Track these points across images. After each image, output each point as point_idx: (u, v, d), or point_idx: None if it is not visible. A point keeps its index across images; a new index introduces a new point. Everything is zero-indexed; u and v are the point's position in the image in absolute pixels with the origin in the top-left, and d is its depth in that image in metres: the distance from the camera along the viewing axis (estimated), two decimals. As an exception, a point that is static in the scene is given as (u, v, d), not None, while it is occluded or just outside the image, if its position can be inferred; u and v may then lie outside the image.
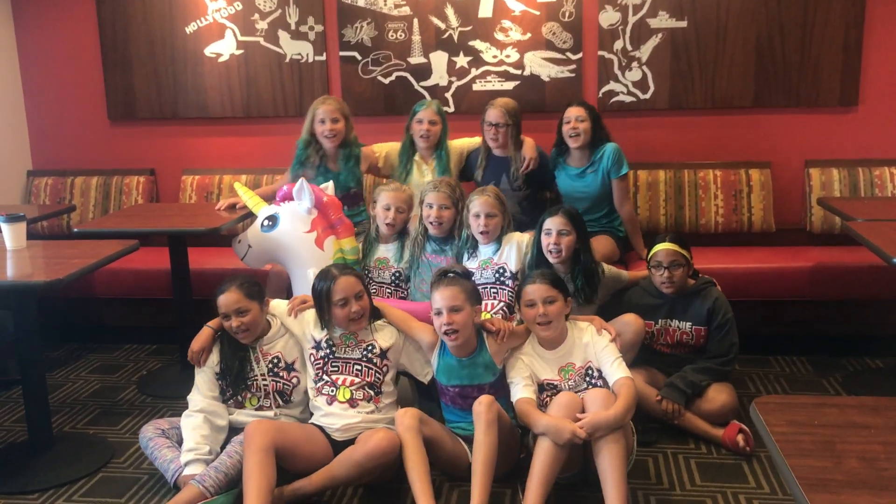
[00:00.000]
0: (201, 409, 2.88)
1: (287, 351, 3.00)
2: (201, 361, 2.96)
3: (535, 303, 2.81)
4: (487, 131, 3.84)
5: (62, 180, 4.72)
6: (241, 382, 2.94)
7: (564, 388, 2.81)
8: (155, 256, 4.09)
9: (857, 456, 1.43)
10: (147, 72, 4.64)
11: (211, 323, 3.02)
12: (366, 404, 2.87)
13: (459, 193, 3.41)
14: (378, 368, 2.91)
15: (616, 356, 2.79)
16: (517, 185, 3.85)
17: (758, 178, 4.23)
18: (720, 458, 2.98)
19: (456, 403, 2.89)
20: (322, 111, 3.77)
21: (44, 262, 3.04)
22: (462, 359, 2.86)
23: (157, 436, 2.89)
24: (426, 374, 3.00)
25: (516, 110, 3.87)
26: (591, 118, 3.78)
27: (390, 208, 3.44)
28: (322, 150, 3.83)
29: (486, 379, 2.86)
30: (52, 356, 4.20)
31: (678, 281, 3.22)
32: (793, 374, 3.73)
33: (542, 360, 2.87)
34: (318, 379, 2.93)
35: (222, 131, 4.68)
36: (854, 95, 4.21)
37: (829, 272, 3.81)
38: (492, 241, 3.32)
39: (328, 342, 2.94)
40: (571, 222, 3.15)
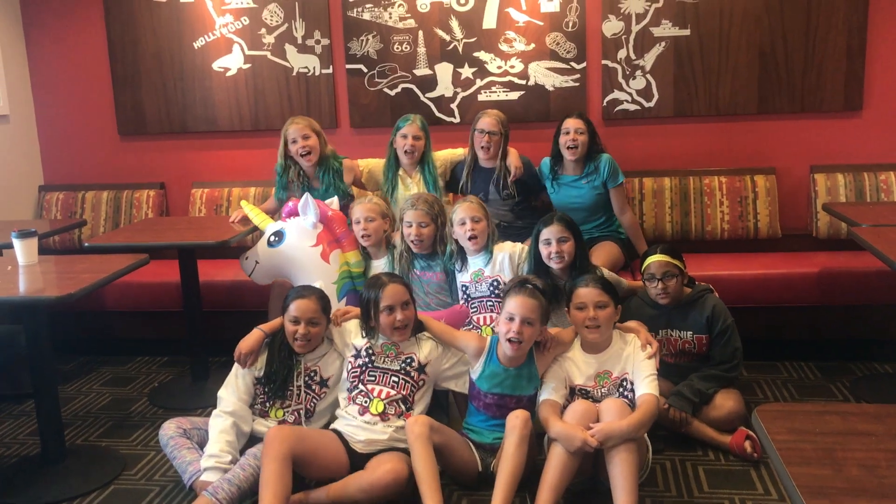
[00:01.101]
0: (233, 411, 2.88)
1: (325, 366, 3.02)
2: (248, 364, 2.97)
3: (587, 306, 2.84)
4: (479, 139, 3.86)
5: (73, 195, 4.77)
6: (281, 391, 2.95)
7: (597, 395, 2.83)
8: (165, 269, 4.13)
9: (858, 464, 1.44)
10: (156, 87, 4.69)
11: (263, 326, 3.02)
12: (396, 419, 2.87)
13: (438, 209, 3.40)
14: (414, 382, 2.93)
15: (650, 373, 2.80)
16: (506, 194, 3.88)
17: (763, 184, 4.24)
18: (728, 464, 2.99)
19: (489, 411, 2.90)
20: (292, 130, 3.81)
21: (55, 278, 3.08)
22: (509, 368, 2.88)
23: (178, 435, 2.90)
24: (464, 383, 3.01)
25: (507, 121, 3.92)
26: (589, 131, 3.83)
27: (360, 221, 3.45)
28: (301, 170, 3.86)
29: (528, 391, 2.88)
30: (65, 369, 4.24)
31: (673, 291, 3.23)
32: (800, 380, 3.73)
33: (580, 364, 2.89)
34: (353, 388, 2.94)
35: (231, 144, 4.73)
36: (858, 100, 4.22)
37: (835, 277, 3.82)
38: (481, 248, 3.32)
39: (368, 350, 2.96)
40: (568, 228, 3.18)
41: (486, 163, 3.93)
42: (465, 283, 3.35)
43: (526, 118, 4.38)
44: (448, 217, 3.39)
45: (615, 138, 4.27)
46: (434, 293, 3.43)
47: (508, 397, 2.87)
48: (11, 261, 3.21)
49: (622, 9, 4.29)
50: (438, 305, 3.41)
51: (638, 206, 4.28)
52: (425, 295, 3.42)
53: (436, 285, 3.43)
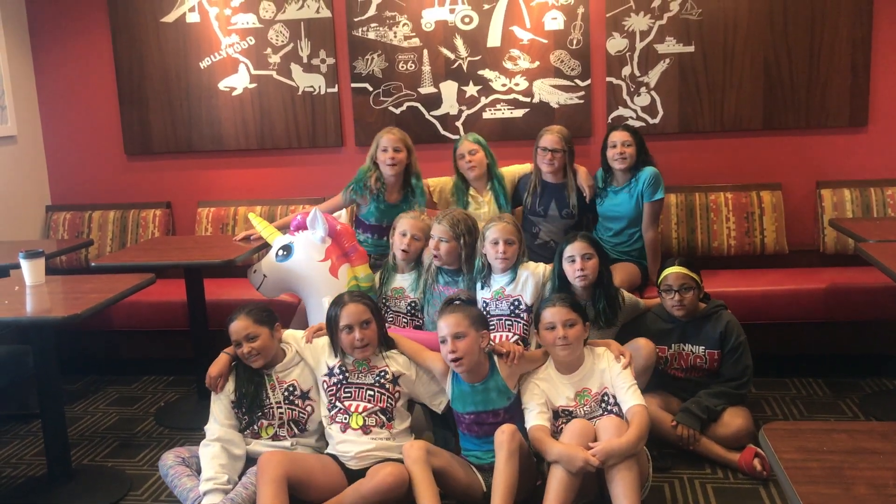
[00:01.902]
0: (218, 437, 2.89)
1: (302, 379, 3.02)
2: (218, 388, 2.98)
3: (555, 325, 2.83)
4: (542, 157, 3.87)
5: (80, 215, 4.79)
6: (256, 410, 2.95)
7: (580, 413, 2.81)
8: (171, 288, 4.14)
9: (866, 482, 1.43)
10: (162, 106, 4.72)
11: (228, 350, 3.05)
12: (379, 430, 2.88)
13: (464, 228, 3.36)
14: (390, 394, 2.93)
15: (630, 383, 2.79)
16: (567, 213, 3.89)
17: (769, 199, 4.24)
18: (737, 482, 2.97)
19: (472, 431, 2.90)
20: (385, 139, 3.81)
21: (62, 298, 3.09)
22: (475, 384, 2.87)
23: (177, 464, 2.90)
24: (439, 403, 3.00)
25: (570, 137, 3.92)
26: (636, 142, 3.83)
27: (406, 234, 3.45)
28: (382, 178, 3.86)
29: (501, 404, 2.87)
30: (71, 388, 4.25)
31: (689, 304, 3.23)
32: (809, 397, 3.71)
33: (558, 385, 2.87)
34: (331, 406, 2.95)
35: (237, 163, 4.75)
36: (864, 116, 4.23)
37: (843, 293, 3.80)
38: (508, 269, 3.33)
39: (341, 368, 2.96)
40: (592, 246, 3.18)
41: (552, 178, 3.94)
42: (486, 299, 3.33)
43: (531, 135, 4.35)
44: (481, 232, 3.36)
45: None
46: None
47: (484, 413, 2.86)
48: (19, 281, 3.22)
49: (626, 26, 4.31)
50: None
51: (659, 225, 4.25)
52: None
53: None
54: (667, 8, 4.27)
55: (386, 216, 3.78)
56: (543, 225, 3.92)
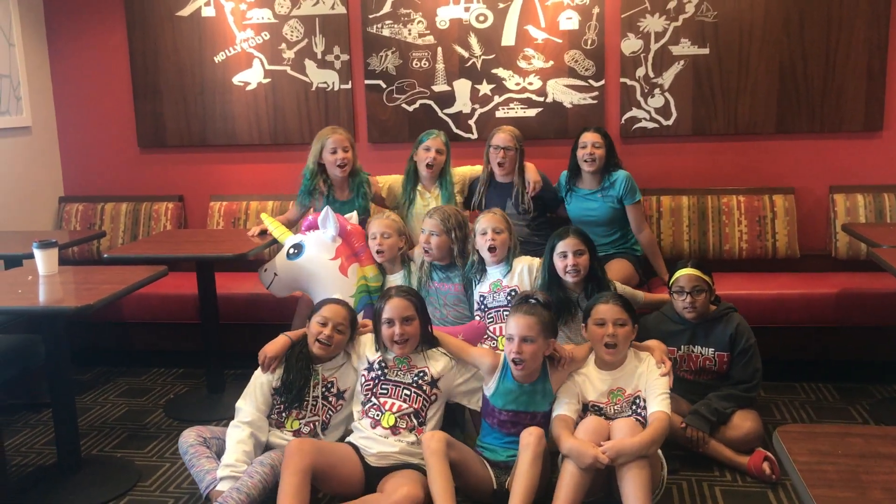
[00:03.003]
0: (251, 421, 2.89)
1: (342, 378, 3.03)
2: (272, 369, 2.99)
3: (606, 322, 2.85)
4: (494, 154, 3.88)
5: (92, 206, 4.81)
6: (297, 401, 2.96)
7: (609, 412, 2.83)
8: (183, 282, 4.15)
9: (881, 487, 1.42)
10: (176, 100, 4.73)
11: (290, 333, 3.06)
12: (407, 434, 2.88)
13: (454, 222, 3.41)
14: (427, 396, 2.93)
15: (663, 391, 2.79)
16: (523, 209, 3.88)
17: (782, 203, 4.23)
18: (745, 486, 2.96)
19: (504, 428, 2.89)
20: (333, 140, 3.80)
21: (74, 288, 3.10)
22: (523, 384, 2.87)
23: (198, 443, 2.91)
24: (476, 401, 3.01)
25: (521, 137, 3.93)
26: (606, 145, 3.83)
27: (376, 236, 3.47)
28: (329, 179, 3.87)
29: (542, 407, 2.87)
30: (82, 379, 4.26)
31: (700, 306, 3.22)
32: (819, 402, 3.70)
33: (594, 380, 2.89)
34: (366, 401, 2.95)
35: (250, 158, 4.76)
36: (878, 121, 4.21)
37: (854, 298, 3.79)
38: (500, 259, 3.34)
39: (381, 364, 2.97)
40: (584, 242, 3.19)
41: (502, 178, 3.94)
42: (483, 293, 3.36)
43: (544, 135, 4.39)
44: (472, 228, 3.41)
45: (633, 156, 4.26)
46: (451, 305, 3.43)
47: (523, 413, 2.87)
48: (31, 271, 3.23)
49: (641, 27, 4.30)
50: (455, 317, 3.41)
51: (655, 224, 4.27)
52: (442, 307, 3.42)
53: (453, 297, 3.43)
54: (682, 9, 4.25)
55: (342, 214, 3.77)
56: None
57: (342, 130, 3.88)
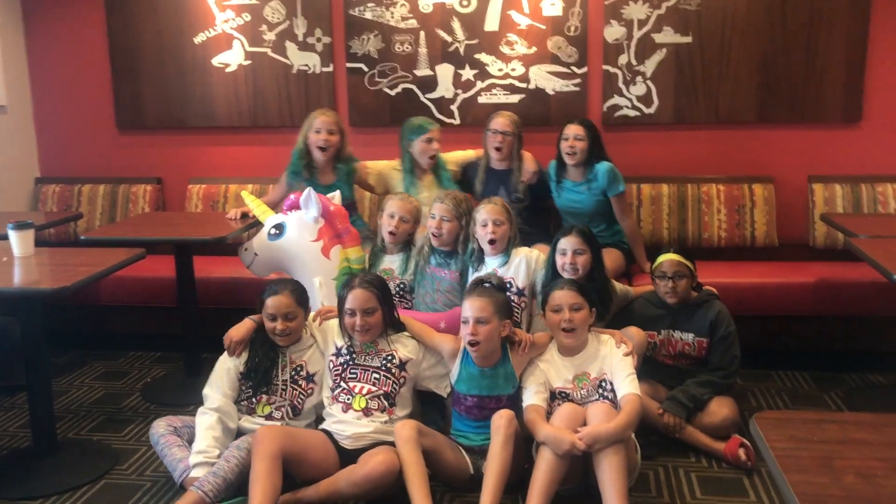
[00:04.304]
0: (217, 407, 2.89)
1: (311, 361, 3.02)
2: (237, 353, 2.97)
3: (562, 308, 2.85)
4: (492, 139, 3.87)
5: (69, 188, 4.75)
6: (263, 385, 2.95)
7: (577, 397, 2.84)
8: (161, 264, 4.12)
9: (855, 472, 1.44)
10: (155, 81, 4.68)
11: (254, 317, 3.03)
12: (379, 414, 2.89)
13: (465, 208, 3.41)
14: (395, 379, 2.94)
15: (629, 371, 2.80)
16: (516, 197, 3.88)
17: (761, 192, 4.25)
18: (721, 472, 2.99)
19: (471, 414, 2.91)
20: (319, 121, 3.81)
21: (51, 270, 3.06)
22: (484, 369, 2.89)
23: (168, 433, 2.91)
24: (445, 387, 3.02)
25: (520, 123, 3.93)
26: (589, 137, 3.81)
27: (394, 216, 3.46)
28: (312, 161, 3.85)
29: (506, 391, 2.89)
30: (58, 362, 4.22)
31: (682, 291, 3.25)
32: (794, 389, 3.74)
33: (558, 367, 2.90)
34: (335, 386, 2.95)
35: (229, 140, 4.72)
36: (857, 111, 4.24)
37: (831, 288, 3.82)
38: (500, 251, 3.33)
39: (349, 349, 2.97)
40: (586, 241, 3.17)
41: (499, 164, 3.93)
42: None
43: (526, 122, 4.34)
44: (473, 215, 3.38)
45: (615, 144, 4.25)
46: (444, 291, 3.41)
47: (487, 398, 2.88)
48: (7, 252, 3.19)
49: (624, 14, 4.29)
50: (445, 304, 3.40)
51: (636, 212, 4.28)
52: (435, 292, 3.40)
53: (448, 283, 3.42)
54: (665, -3, 4.26)
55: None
56: None
57: (331, 113, 3.87)
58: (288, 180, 3.91)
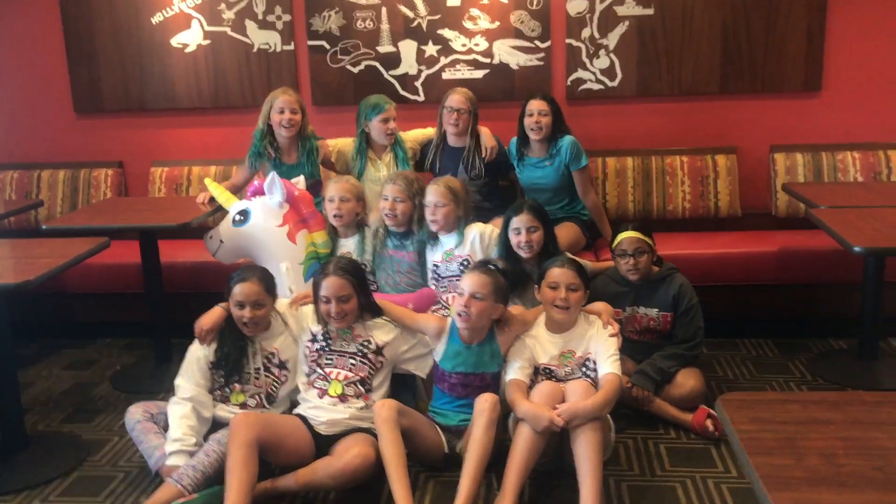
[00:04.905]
0: (191, 397, 2.87)
1: (283, 348, 3.01)
2: (208, 342, 2.95)
3: (559, 286, 2.86)
4: (448, 116, 3.86)
5: (28, 174, 4.66)
6: (235, 374, 2.94)
7: (561, 374, 2.87)
8: (125, 251, 4.06)
9: (817, 453, 1.48)
10: (113, 63, 4.59)
11: (224, 305, 3.00)
12: (355, 401, 2.89)
13: (417, 188, 3.41)
14: (372, 364, 2.94)
15: (612, 352, 2.84)
16: (474, 174, 3.88)
17: (724, 163, 4.30)
18: (690, 442, 3.05)
19: (455, 391, 2.93)
20: (281, 101, 3.76)
21: (13, 263, 3.02)
22: (471, 346, 2.91)
23: (145, 419, 2.89)
24: (425, 367, 3.04)
25: (475, 100, 3.91)
26: (553, 111, 3.82)
27: (334, 199, 3.44)
28: (275, 142, 3.81)
29: (491, 368, 2.91)
30: (23, 353, 4.16)
31: (643, 268, 3.27)
32: (759, 357, 3.81)
33: (545, 343, 2.92)
34: (311, 372, 2.95)
35: (191, 122, 4.65)
36: (818, 81, 4.28)
37: (793, 257, 3.89)
38: (444, 230, 3.35)
39: (325, 335, 2.96)
40: (538, 217, 3.20)
41: (455, 141, 3.92)
42: (437, 262, 3.37)
43: (490, 97, 4.36)
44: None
45: (579, 118, 4.27)
46: (405, 272, 3.43)
47: (472, 375, 2.90)
48: (-34, 246, 3.14)
49: (586, -13, 4.29)
50: (409, 285, 3.42)
51: (601, 185, 4.31)
52: (395, 274, 3.43)
53: (407, 265, 3.43)
54: (627, -31, 4.25)
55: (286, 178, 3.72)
56: None
57: (292, 92, 3.83)
58: (250, 162, 3.86)
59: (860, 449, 1.48)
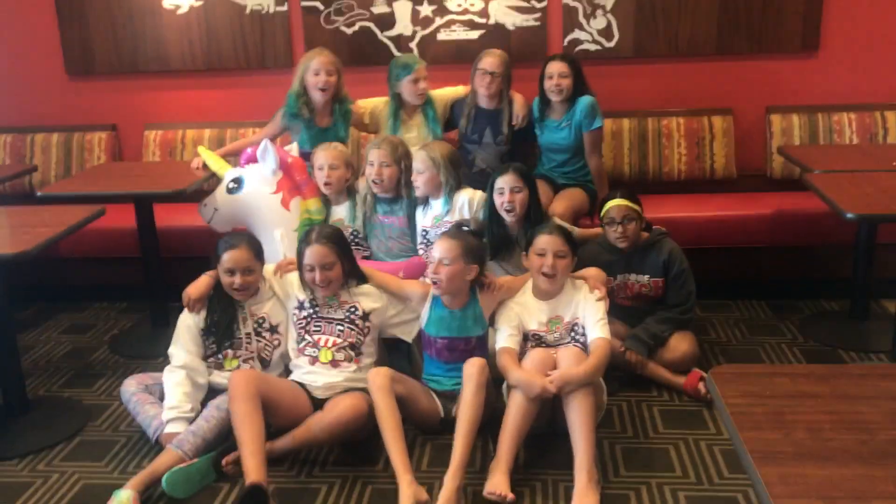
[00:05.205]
0: (184, 364, 2.91)
1: (273, 313, 3.04)
2: (196, 310, 2.98)
3: (546, 253, 2.87)
4: (481, 79, 3.81)
5: (21, 137, 4.63)
6: (226, 340, 2.97)
7: (549, 339, 2.90)
8: (121, 215, 4.02)
9: (804, 427, 1.51)
10: (104, 25, 4.52)
11: (211, 273, 3.02)
12: (347, 364, 2.93)
13: (402, 151, 3.41)
14: (360, 330, 2.97)
15: (600, 316, 2.86)
16: (500, 140, 3.87)
17: (720, 125, 4.29)
18: (682, 404, 3.10)
19: (442, 356, 2.96)
20: (317, 62, 3.68)
21: (9, 232, 3.02)
22: (454, 310, 2.93)
23: (140, 391, 2.94)
24: (411, 331, 3.07)
25: (509, 62, 3.86)
26: (573, 72, 3.78)
27: (323, 168, 3.44)
28: (311, 103, 3.76)
29: (475, 332, 2.94)
30: (21, 317, 4.19)
31: (632, 235, 3.28)
32: (752, 319, 3.85)
33: (532, 309, 2.94)
34: (300, 339, 2.98)
35: (184, 85, 4.61)
36: (815, 41, 4.25)
37: (787, 219, 3.91)
38: (428, 195, 3.37)
39: (312, 303, 2.99)
40: (523, 179, 3.20)
41: (487, 103, 3.88)
42: (426, 227, 3.38)
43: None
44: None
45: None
46: (396, 238, 3.45)
47: (457, 339, 2.94)
48: (-38, 214, 3.14)
49: (583, -54, 4.23)
50: (400, 249, 3.44)
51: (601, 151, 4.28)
52: (387, 239, 3.44)
53: (398, 230, 3.45)
54: (624, -73, 4.19)
55: (319, 141, 3.69)
56: (478, 152, 3.90)
57: (328, 53, 3.75)
58: (285, 122, 3.78)
59: (846, 423, 1.52)
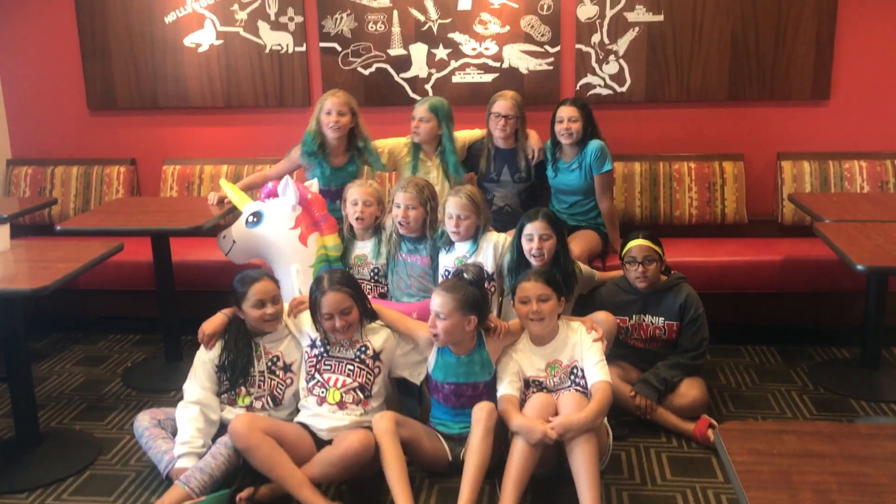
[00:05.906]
0: (198, 400, 2.93)
1: (288, 352, 3.06)
2: (210, 346, 3.01)
3: (530, 299, 2.90)
4: (496, 122, 3.89)
5: (42, 170, 4.72)
6: (240, 377, 3.00)
7: (550, 384, 2.91)
8: (137, 248, 4.11)
9: (811, 488, 1.52)
10: (126, 61, 4.63)
11: (225, 310, 3.06)
12: (354, 407, 2.93)
13: (428, 193, 3.45)
14: (370, 370, 2.98)
15: (598, 358, 2.87)
16: (518, 178, 3.93)
17: (731, 170, 4.32)
18: (691, 451, 3.09)
19: (449, 402, 2.96)
20: (329, 103, 3.77)
21: (28, 267, 3.07)
22: (460, 356, 2.94)
23: (152, 426, 2.95)
24: (419, 374, 3.07)
25: (522, 103, 3.94)
26: (583, 116, 3.85)
27: (357, 203, 3.49)
28: (325, 142, 3.82)
29: (482, 377, 2.94)
30: (36, 347, 4.23)
31: (651, 276, 3.31)
32: (762, 365, 3.85)
33: (531, 356, 2.95)
34: (309, 378, 2.99)
35: (202, 121, 4.69)
36: (826, 89, 4.30)
37: (798, 265, 3.92)
38: (465, 240, 3.39)
39: (323, 341, 3.01)
40: (552, 226, 3.23)
41: (503, 143, 3.96)
42: (448, 267, 3.40)
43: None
44: (441, 203, 3.43)
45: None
46: (417, 277, 3.47)
47: (464, 385, 2.93)
48: (-18, 248, 3.19)
49: (597, -7, 4.30)
50: (419, 289, 3.46)
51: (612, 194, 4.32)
52: (408, 277, 3.47)
53: (420, 269, 3.47)
54: (638, -25, 4.26)
55: (333, 180, 3.77)
56: (497, 190, 3.97)
57: (342, 93, 3.82)
58: (302, 161, 3.86)
59: (853, 485, 1.52)
